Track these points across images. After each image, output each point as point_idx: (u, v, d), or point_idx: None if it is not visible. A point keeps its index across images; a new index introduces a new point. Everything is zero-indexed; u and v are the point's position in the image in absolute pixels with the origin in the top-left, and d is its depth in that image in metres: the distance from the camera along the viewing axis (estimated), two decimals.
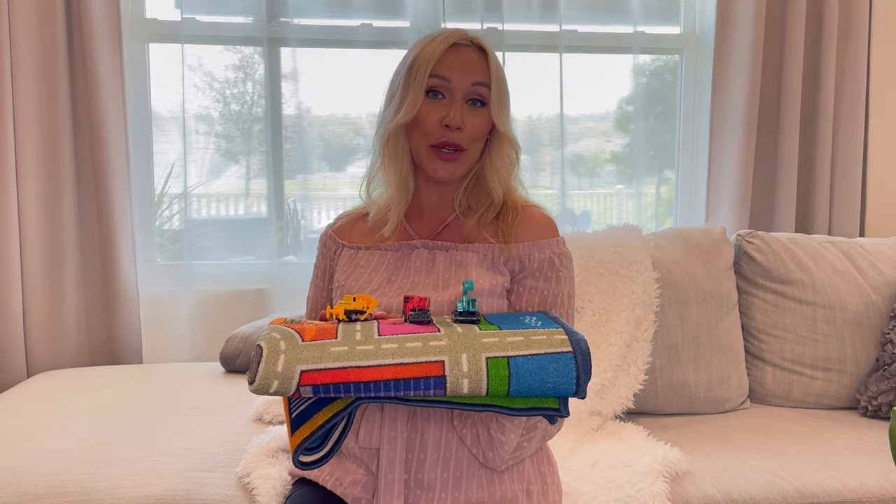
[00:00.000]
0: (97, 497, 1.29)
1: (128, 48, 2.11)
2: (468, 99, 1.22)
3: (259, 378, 0.98)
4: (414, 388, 0.99)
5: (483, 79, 1.22)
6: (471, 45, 1.24)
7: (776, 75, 2.29)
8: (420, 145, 1.23)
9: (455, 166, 1.23)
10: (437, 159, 1.22)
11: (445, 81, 1.21)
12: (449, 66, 1.21)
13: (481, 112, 1.23)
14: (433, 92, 1.22)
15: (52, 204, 2.06)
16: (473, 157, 1.25)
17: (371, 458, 1.18)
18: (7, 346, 2.04)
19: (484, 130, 1.24)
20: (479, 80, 1.22)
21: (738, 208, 2.29)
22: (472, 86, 1.22)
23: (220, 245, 2.34)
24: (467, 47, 1.23)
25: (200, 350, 2.21)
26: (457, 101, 1.21)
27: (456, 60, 1.22)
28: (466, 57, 1.22)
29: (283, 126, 2.27)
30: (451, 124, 1.20)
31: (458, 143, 1.21)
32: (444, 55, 1.21)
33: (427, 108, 1.21)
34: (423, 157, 1.24)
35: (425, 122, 1.21)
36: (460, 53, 1.22)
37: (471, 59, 1.22)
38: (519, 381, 0.99)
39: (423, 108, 1.21)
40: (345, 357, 0.99)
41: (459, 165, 1.23)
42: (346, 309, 1.10)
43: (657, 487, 1.37)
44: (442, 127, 1.20)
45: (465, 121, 1.21)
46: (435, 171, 1.23)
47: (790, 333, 1.98)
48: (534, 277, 1.23)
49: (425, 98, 1.21)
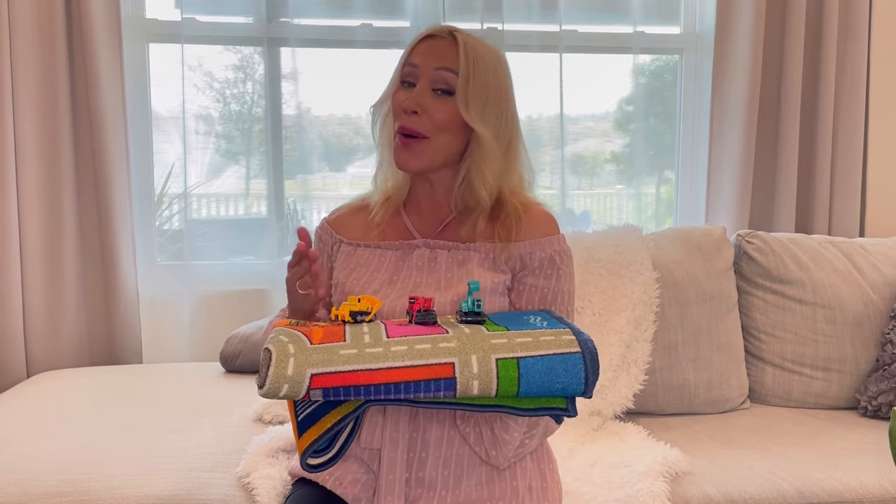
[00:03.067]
0: (97, 497, 1.29)
1: (128, 48, 2.11)
2: (435, 87, 1.20)
3: (269, 382, 0.97)
4: (424, 390, 0.98)
5: (448, 64, 1.19)
6: (447, 37, 1.23)
7: (776, 75, 2.29)
8: (392, 132, 1.25)
9: (415, 154, 1.21)
10: (399, 145, 1.22)
11: (414, 68, 1.22)
12: (419, 52, 1.22)
13: (446, 101, 1.20)
14: (406, 82, 1.23)
15: (53, 204, 2.06)
16: (440, 149, 1.22)
17: (372, 457, 1.18)
18: (7, 346, 2.03)
19: (449, 120, 1.20)
20: (444, 66, 1.20)
21: (738, 208, 2.28)
22: (436, 70, 1.20)
23: (220, 245, 2.34)
24: (442, 38, 1.23)
25: (200, 350, 2.21)
26: (419, 87, 1.21)
27: (426, 48, 1.22)
28: (437, 45, 1.22)
29: (283, 126, 2.27)
30: (406, 107, 1.20)
31: (416, 129, 1.19)
32: (417, 44, 1.23)
33: (397, 95, 1.23)
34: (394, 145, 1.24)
35: (394, 108, 1.23)
36: (432, 42, 1.23)
37: (440, 47, 1.22)
38: (528, 381, 0.99)
39: (395, 95, 1.23)
40: (354, 360, 0.98)
41: (422, 154, 1.21)
42: (350, 310, 1.10)
43: (657, 487, 1.37)
44: (402, 112, 1.21)
45: (425, 106, 1.19)
46: (398, 159, 1.22)
47: (790, 333, 1.98)
48: (534, 275, 1.23)
49: (399, 86, 1.23)
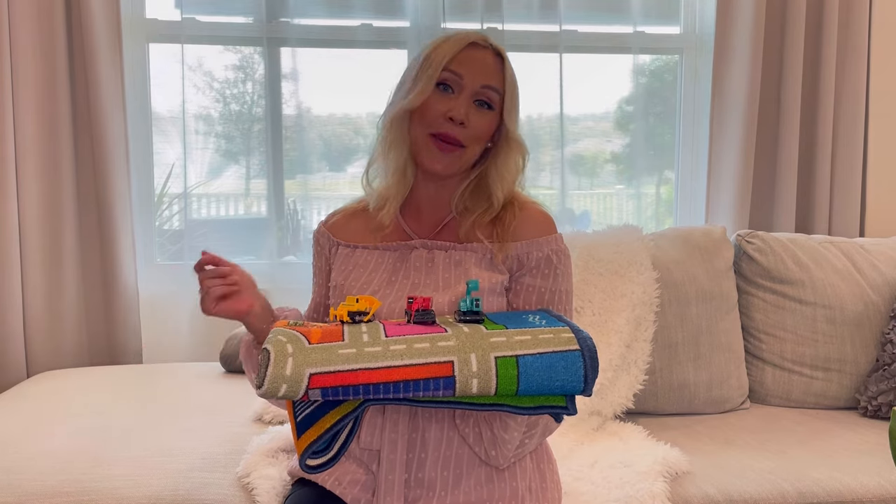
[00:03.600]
0: (97, 497, 1.29)
1: (128, 48, 2.11)
2: (476, 99, 1.22)
3: (267, 382, 0.96)
4: (423, 389, 0.98)
5: (495, 84, 1.22)
6: (489, 48, 1.24)
7: (776, 75, 2.29)
8: (420, 134, 1.22)
9: (451, 160, 1.22)
10: (435, 150, 1.21)
11: (457, 77, 1.21)
12: (463, 63, 1.21)
13: (486, 114, 1.23)
14: (443, 85, 1.22)
15: (52, 204, 2.06)
16: (470, 158, 1.25)
17: (371, 458, 1.18)
18: (7, 346, 2.03)
19: (486, 132, 1.24)
20: (490, 84, 1.22)
21: (738, 208, 2.28)
22: (482, 87, 1.22)
23: (220, 245, 2.33)
24: (485, 49, 1.24)
25: (200, 350, 2.21)
26: (464, 97, 1.21)
27: (471, 59, 1.22)
28: (482, 58, 1.23)
29: (283, 126, 2.27)
30: (455, 117, 1.20)
31: (458, 138, 1.21)
32: (460, 52, 1.22)
33: (434, 99, 1.21)
34: (421, 147, 1.23)
35: (430, 111, 1.21)
36: (477, 53, 1.23)
37: (486, 62, 1.23)
38: (528, 379, 0.99)
39: (430, 97, 1.21)
40: (353, 359, 0.98)
41: (456, 161, 1.23)
42: (349, 310, 1.10)
43: (657, 487, 1.37)
44: (445, 119, 1.20)
45: (470, 118, 1.21)
46: (431, 163, 1.22)
47: (790, 333, 1.98)
48: (532, 275, 1.23)
49: (434, 89, 1.21)
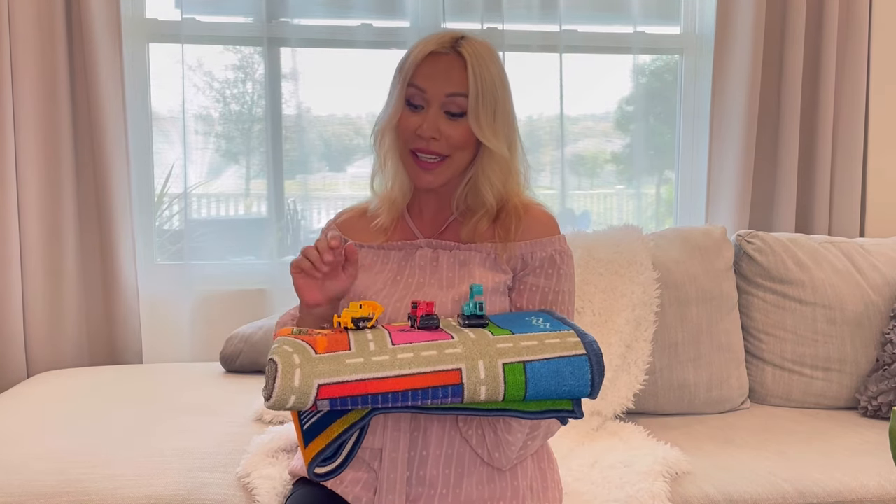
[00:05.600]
0: (97, 497, 1.29)
1: (128, 48, 2.11)
2: (445, 110, 1.21)
3: (276, 394, 0.96)
4: (432, 398, 0.98)
5: (459, 89, 1.20)
6: (451, 53, 1.21)
7: (776, 75, 2.29)
8: (403, 149, 1.24)
9: (436, 174, 1.23)
10: (416, 168, 1.23)
11: (421, 92, 1.21)
12: (425, 75, 1.20)
13: (459, 122, 1.21)
14: (414, 104, 1.22)
15: (52, 204, 2.06)
16: (460, 164, 1.25)
17: (373, 457, 1.18)
18: (7, 346, 2.03)
19: (463, 139, 1.22)
20: (454, 91, 1.20)
21: (738, 208, 2.28)
22: (448, 97, 1.20)
23: (220, 245, 2.33)
24: (447, 55, 1.21)
25: (200, 350, 2.21)
26: (432, 111, 1.21)
27: (433, 70, 1.20)
28: (444, 66, 1.20)
29: (283, 126, 2.27)
30: (422, 134, 1.20)
31: (437, 150, 1.22)
32: (421, 64, 1.21)
33: (405, 116, 1.22)
34: (406, 163, 1.25)
35: (403, 130, 1.23)
36: (438, 62, 1.21)
37: (448, 69, 1.20)
38: (535, 385, 0.99)
39: (402, 115, 1.22)
40: (361, 369, 0.98)
41: (444, 171, 1.23)
42: (353, 317, 1.10)
43: (657, 487, 1.37)
44: (418, 136, 1.21)
45: (442, 131, 1.20)
46: (417, 180, 1.24)
47: (790, 333, 1.98)
48: (535, 275, 1.24)
49: (405, 107, 1.22)
